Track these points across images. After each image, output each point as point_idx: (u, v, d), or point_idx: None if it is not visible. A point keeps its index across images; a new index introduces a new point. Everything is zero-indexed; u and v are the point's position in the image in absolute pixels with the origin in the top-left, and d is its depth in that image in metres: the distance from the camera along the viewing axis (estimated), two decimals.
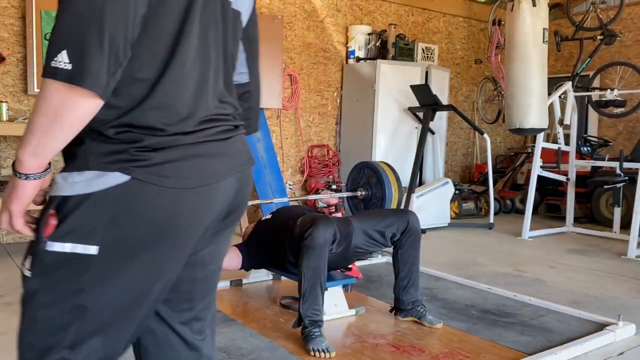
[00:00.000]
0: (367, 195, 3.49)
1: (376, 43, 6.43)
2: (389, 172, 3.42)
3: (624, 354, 2.58)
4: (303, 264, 2.48)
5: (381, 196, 3.38)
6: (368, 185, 3.49)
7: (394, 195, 3.37)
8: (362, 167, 3.55)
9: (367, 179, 3.49)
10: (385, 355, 2.42)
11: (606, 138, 7.25)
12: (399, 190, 3.40)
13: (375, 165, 3.44)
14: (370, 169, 3.47)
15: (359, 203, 3.57)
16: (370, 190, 3.47)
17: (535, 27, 4.88)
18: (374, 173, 3.44)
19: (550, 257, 4.70)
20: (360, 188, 3.53)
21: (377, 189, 3.42)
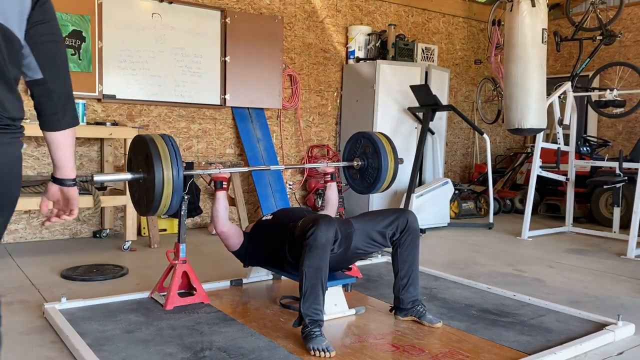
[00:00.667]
0: (363, 166, 3.47)
1: (376, 43, 6.44)
2: (385, 142, 3.40)
3: (624, 353, 2.59)
4: (304, 263, 2.49)
5: (377, 166, 3.36)
6: (365, 155, 3.47)
7: (390, 166, 3.35)
8: (359, 137, 3.53)
9: (364, 149, 3.48)
10: (385, 355, 2.43)
11: (605, 138, 7.26)
12: (395, 160, 3.38)
13: (372, 136, 3.42)
14: (367, 140, 3.45)
15: (355, 173, 3.55)
16: (366, 161, 3.46)
17: (534, 27, 4.88)
18: (370, 143, 3.42)
19: (549, 257, 4.71)
20: (356, 158, 3.51)
21: (373, 159, 3.40)
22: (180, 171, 2.65)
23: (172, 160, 2.63)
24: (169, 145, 2.67)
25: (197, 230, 5.52)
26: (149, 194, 2.65)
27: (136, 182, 2.79)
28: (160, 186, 2.60)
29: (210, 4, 5.51)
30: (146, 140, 2.68)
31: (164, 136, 2.73)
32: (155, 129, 5.30)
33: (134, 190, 2.86)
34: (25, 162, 4.71)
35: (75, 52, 4.75)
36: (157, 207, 2.66)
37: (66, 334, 2.50)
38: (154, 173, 2.59)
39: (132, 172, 2.78)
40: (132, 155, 2.85)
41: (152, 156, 2.60)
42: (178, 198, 2.68)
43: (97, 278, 3.63)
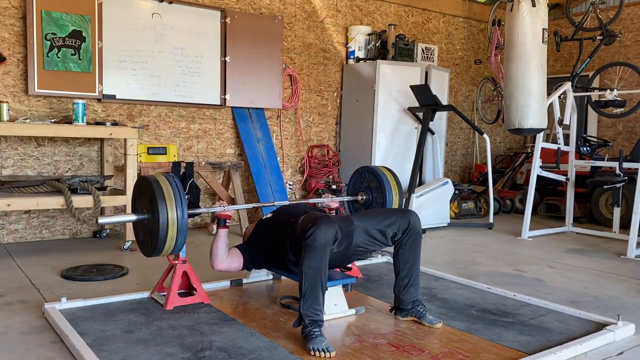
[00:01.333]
0: (367, 200, 3.51)
1: (376, 43, 6.44)
2: (390, 177, 3.43)
3: (624, 353, 2.59)
4: (304, 264, 2.49)
5: (382, 201, 3.40)
6: (369, 190, 3.50)
7: (394, 200, 3.39)
8: (363, 171, 3.57)
9: (368, 183, 3.50)
10: (385, 355, 2.43)
11: (605, 138, 7.26)
12: (400, 195, 3.41)
13: (377, 170, 3.46)
14: (372, 174, 3.49)
15: (359, 207, 3.59)
16: (371, 195, 3.49)
17: (534, 27, 4.88)
18: (375, 178, 3.45)
19: (549, 257, 4.71)
20: (361, 192, 3.54)
21: (377, 193, 3.44)
22: (185, 212, 2.65)
23: (177, 201, 2.63)
24: (173, 186, 2.67)
25: (197, 230, 5.52)
26: (154, 235, 2.66)
27: (141, 223, 2.79)
28: (164, 228, 2.60)
29: (210, 4, 5.51)
30: (150, 182, 2.67)
31: (167, 176, 2.73)
32: (155, 129, 5.30)
33: (138, 231, 2.86)
34: (25, 162, 4.71)
35: (75, 52, 4.75)
36: (161, 249, 2.67)
37: (66, 334, 2.50)
38: (159, 214, 2.59)
39: (137, 213, 2.78)
40: (136, 195, 2.85)
41: (156, 198, 2.60)
42: (182, 239, 2.68)
43: (97, 278, 3.63)
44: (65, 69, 4.70)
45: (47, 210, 4.80)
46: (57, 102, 4.79)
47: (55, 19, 4.63)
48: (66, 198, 4.11)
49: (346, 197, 3.62)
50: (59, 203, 4.11)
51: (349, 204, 3.65)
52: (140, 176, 2.85)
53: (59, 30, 4.66)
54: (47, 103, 4.76)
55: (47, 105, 4.76)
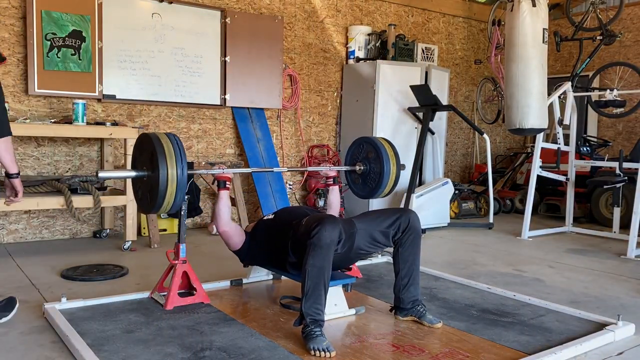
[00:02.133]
0: (365, 170, 3.48)
1: (376, 43, 6.44)
2: (388, 148, 3.41)
3: (624, 353, 2.59)
4: (308, 262, 2.49)
5: (379, 171, 3.36)
6: (367, 160, 3.48)
7: (392, 171, 3.36)
8: (362, 142, 3.54)
9: (366, 154, 3.48)
10: (385, 355, 2.43)
11: (606, 138, 7.26)
12: (397, 165, 3.39)
13: (375, 141, 3.43)
14: (370, 144, 3.46)
15: (357, 178, 3.56)
16: (369, 166, 3.46)
17: (535, 27, 4.88)
18: (373, 148, 3.43)
19: (549, 257, 4.71)
20: (358, 163, 3.52)
21: (375, 164, 3.41)
22: (185, 169, 2.65)
23: (177, 158, 2.64)
24: (174, 144, 2.68)
25: (197, 230, 5.52)
26: (153, 191, 2.65)
27: (140, 179, 2.79)
28: (164, 184, 2.60)
29: (210, 4, 5.51)
30: (151, 139, 2.68)
31: (169, 135, 2.73)
32: (155, 129, 5.30)
33: (137, 188, 2.86)
34: (25, 162, 4.71)
35: (75, 52, 4.75)
36: (160, 205, 2.67)
37: (66, 334, 2.50)
38: (159, 171, 2.59)
39: (137, 170, 2.79)
40: (136, 153, 2.85)
41: (157, 154, 2.61)
42: (182, 196, 2.69)
43: (97, 278, 3.63)
44: (65, 69, 4.70)
45: (47, 210, 4.80)
46: (57, 102, 4.79)
47: (55, 19, 4.63)
48: (66, 198, 4.11)
49: (344, 167, 3.60)
50: (59, 203, 4.11)
51: (347, 174, 3.63)
52: (142, 133, 2.85)
53: (59, 30, 4.66)
54: (47, 103, 4.76)
55: (47, 105, 4.76)
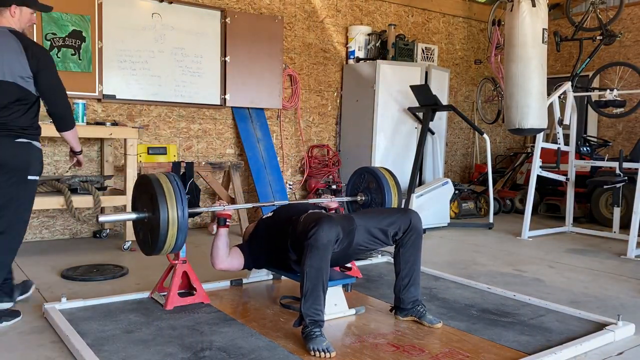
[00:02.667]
0: (366, 201, 3.51)
1: (376, 43, 6.44)
2: (389, 178, 3.43)
3: (624, 353, 2.59)
4: (306, 263, 2.49)
5: (380, 202, 3.41)
6: (368, 190, 3.51)
7: (394, 201, 3.40)
8: (363, 172, 3.57)
9: (367, 184, 3.51)
10: (385, 355, 2.43)
11: (606, 138, 7.26)
12: (399, 196, 3.42)
13: (376, 171, 3.46)
14: (371, 175, 3.49)
15: (358, 208, 3.60)
16: (370, 196, 3.50)
17: (534, 27, 4.88)
18: (374, 179, 3.46)
19: (549, 257, 4.70)
20: (360, 193, 3.55)
21: (376, 194, 3.45)
22: (185, 211, 2.65)
23: (177, 200, 2.63)
24: (173, 185, 2.67)
25: (197, 230, 5.52)
26: (154, 233, 2.65)
27: (141, 221, 2.79)
28: (165, 227, 2.61)
29: (210, 4, 5.51)
30: (151, 180, 2.68)
31: (168, 175, 2.73)
32: (155, 129, 5.30)
33: (138, 229, 2.86)
34: None
35: (75, 52, 4.75)
36: (162, 247, 2.68)
37: (66, 334, 2.50)
38: (159, 213, 2.59)
39: (137, 212, 2.78)
40: (136, 194, 2.85)
41: (157, 196, 2.60)
42: (183, 237, 2.69)
43: (97, 278, 3.63)
44: (65, 69, 4.70)
45: (47, 210, 4.80)
46: None
47: (55, 19, 4.63)
48: (66, 198, 4.11)
49: (345, 197, 3.63)
50: (59, 203, 4.11)
51: (348, 205, 3.66)
52: (141, 175, 2.86)
53: (59, 30, 4.66)
54: None
55: None
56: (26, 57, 2.68)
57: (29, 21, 2.88)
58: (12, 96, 2.69)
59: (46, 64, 2.75)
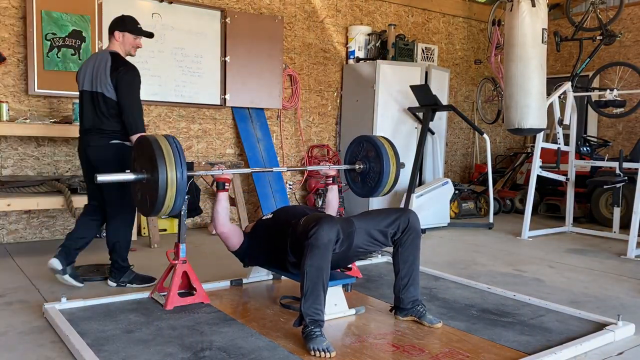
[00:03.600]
0: (365, 169, 3.47)
1: (376, 43, 6.44)
2: (388, 147, 3.40)
3: (624, 353, 2.59)
4: (306, 263, 2.49)
5: (379, 170, 3.36)
6: (366, 159, 3.47)
7: (391, 170, 3.36)
8: (362, 140, 3.53)
9: (366, 152, 3.47)
10: (385, 355, 2.43)
11: (606, 138, 7.26)
12: (397, 165, 3.38)
13: (375, 140, 3.42)
14: (370, 143, 3.45)
15: (356, 176, 3.55)
16: (368, 164, 3.46)
17: (534, 27, 4.88)
18: (372, 147, 3.42)
19: (549, 257, 4.71)
20: (358, 161, 3.51)
21: (375, 163, 3.40)
22: (184, 173, 2.64)
23: (176, 161, 2.63)
24: (173, 147, 2.67)
25: (197, 230, 5.52)
26: (153, 195, 2.65)
27: (139, 182, 2.78)
28: (164, 187, 2.60)
29: (210, 4, 5.51)
30: (150, 141, 2.67)
31: (168, 137, 2.72)
32: (155, 129, 5.30)
33: (136, 190, 2.85)
34: (25, 162, 4.71)
35: (75, 52, 4.75)
36: (160, 208, 2.66)
37: (66, 334, 2.50)
38: (158, 174, 2.58)
39: (136, 173, 2.78)
40: (135, 155, 2.84)
41: (156, 157, 2.60)
42: (181, 199, 2.69)
43: (97, 278, 3.63)
44: (65, 69, 4.70)
45: (47, 210, 4.80)
46: (57, 102, 4.79)
47: (55, 19, 4.63)
48: (66, 198, 4.11)
49: (344, 165, 3.59)
50: (59, 203, 4.11)
51: (346, 173, 3.62)
52: (141, 136, 2.86)
53: (59, 30, 4.66)
54: (47, 103, 4.76)
55: (47, 105, 4.76)
56: (111, 73, 3.27)
57: (134, 45, 3.49)
58: (102, 104, 3.31)
59: (123, 80, 3.29)
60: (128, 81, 3.31)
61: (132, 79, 3.34)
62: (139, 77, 3.41)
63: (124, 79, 3.30)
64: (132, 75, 3.36)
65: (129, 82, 3.31)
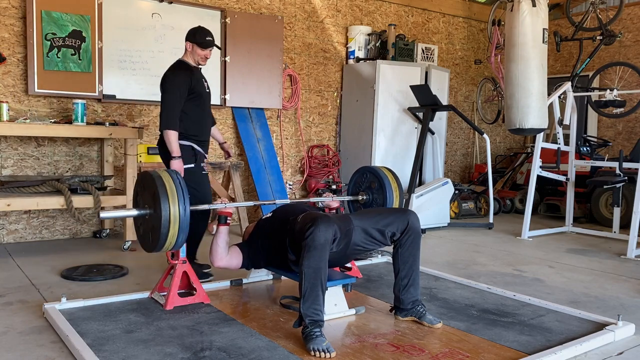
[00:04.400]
0: (368, 200, 3.52)
1: (376, 43, 6.44)
2: (391, 178, 3.44)
3: (624, 353, 2.59)
4: (304, 264, 2.49)
5: (382, 202, 3.41)
6: (370, 190, 3.51)
7: (395, 202, 3.41)
8: (365, 171, 3.57)
9: (369, 184, 3.51)
10: (385, 355, 2.43)
11: (605, 138, 7.26)
12: (400, 196, 3.42)
13: (378, 171, 3.46)
14: (373, 174, 3.49)
15: (359, 207, 3.60)
16: (371, 195, 3.50)
17: (534, 27, 4.88)
18: (376, 178, 3.46)
19: (549, 257, 4.71)
20: (361, 192, 3.55)
21: (378, 194, 3.45)
22: (187, 209, 2.64)
23: (179, 197, 2.63)
24: (176, 183, 2.66)
25: None
26: (155, 231, 2.65)
27: (142, 218, 2.78)
28: (166, 224, 2.60)
29: (210, 4, 5.51)
30: (153, 177, 2.67)
31: (170, 172, 2.73)
32: (155, 129, 5.30)
33: (139, 225, 2.85)
34: (25, 162, 4.71)
35: (75, 52, 4.75)
36: (162, 245, 2.67)
37: (66, 334, 2.50)
38: (161, 211, 2.58)
39: (138, 208, 2.78)
40: (138, 190, 2.84)
41: (159, 194, 2.59)
42: (184, 236, 2.69)
43: (97, 278, 3.63)
44: (65, 69, 4.70)
45: (47, 210, 4.80)
46: (57, 102, 4.79)
47: (55, 19, 4.63)
48: (66, 198, 4.11)
49: (347, 196, 3.63)
50: (59, 203, 4.11)
51: (349, 204, 3.66)
52: (143, 171, 2.86)
53: (59, 30, 4.67)
54: (47, 103, 4.76)
55: (47, 105, 4.76)
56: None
57: (201, 56, 3.56)
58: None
59: (162, 79, 3.47)
60: (165, 79, 3.47)
61: (169, 77, 3.46)
62: (179, 75, 3.47)
63: (163, 79, 3.48)
64: (170, 73, 3.49)
65: (165, 80, 3.47)
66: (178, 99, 3.43)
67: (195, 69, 3.60)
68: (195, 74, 3.55)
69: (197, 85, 3.53)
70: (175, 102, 3.43)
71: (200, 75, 3.62)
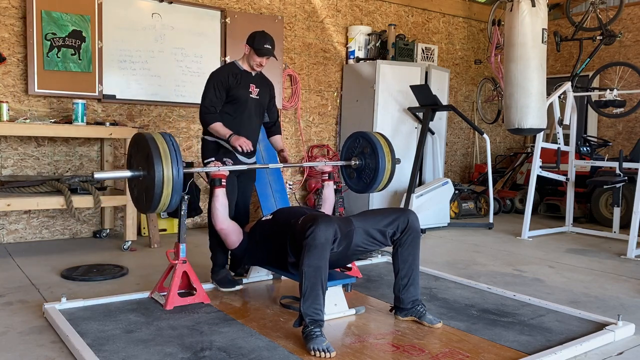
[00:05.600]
0: (360, 165, 3.51)
1: (376, 43, 6.44)
2: (383, 143, 3.43)
3: (624, 353, 2.59)
4: (304, 263, 2.49)
5: (374, 167, 3.40)
6: (362, 155, 3.51)
7: (387, 167, 3.39)
8: (357, 137, 3.56)
9: (362, 149, 3.50)
10: (385, 355, 2.43)
11: (605, 138, 7.26)
12: (392, 161, 3.41)
13: (370, 136, 3.45)
14: (365, 140, 3.48)
15: (352, 172, 3.59)
16: (364, 161, 3.49)
17: (534, 27, 4.88)
18: (368, 143, 3.45)
19: (549, 257, 4.71)
20: (354, 157, 3.54)
21: (371, 159, 3.44)
22: (181, 170, 2.65)
23: (173, 159, 2.63)
24: (169, 144, 2.67)
25: (197, 230, 5.51)
26: (149, 192, 2.65)
27: (136, 179, 2.79)
28: (160, 185, 2.60)
29: (210, 4, 5.51)
30: (146, 139, 2.68)
31: (164, 135, 2.73)
32: (155, 129, 5.30)
33: (133, 187, 2.86)
34: (25, 162, 4.71)
35: (75, 52, 4.75)
36: (156, 206, 2.67)
37: (66, 334, 2.50)
38: (154, 172, 2.59)
39: (132, 170, 2.78)
40: (132, 152, 2.85)
41: (152, 155, 2.60)
42: (177, 197, 2.69)
43: (97, 278, 3.63)
44: (65, 69, 4.70)
45: (47, 210, 4.80)
46: (57, 102, 4.79)
47: (55, 19, 4.63)
48: (66, 198, 4.11)
49: (340, 161, 3.62)
50: (59, 203, 4.11)
51: (342, 169, 3.65)
52: (137, 133, 2.86)
53: (59, 30, 4.67)
54: (47, 103, 4.76)
55: (47, 105, 4.76)
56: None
57: (256, 62, 3.43)
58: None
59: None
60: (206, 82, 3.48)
61: (210, 74, 3.49)
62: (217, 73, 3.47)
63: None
64: (214, 71, 3.53)
65: (206, 83, 3.48)
66: (213, 94, 3.39)
67: (245, 72, 3.46)
68: (239, 77, 3.42)
69: (237, 89, 3.39)
70: (210, 96, 3.40)
71: (249, 80, 3.46)
